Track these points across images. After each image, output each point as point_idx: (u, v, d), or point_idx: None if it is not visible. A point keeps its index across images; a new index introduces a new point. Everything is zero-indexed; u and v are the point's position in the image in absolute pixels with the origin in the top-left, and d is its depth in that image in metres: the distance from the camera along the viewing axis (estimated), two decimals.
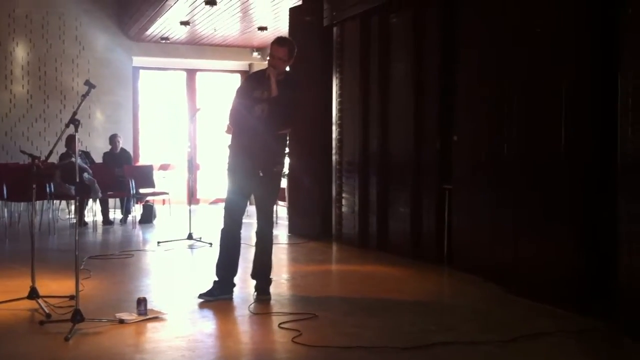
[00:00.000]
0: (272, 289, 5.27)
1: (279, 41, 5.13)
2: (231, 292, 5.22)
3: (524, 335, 4.16)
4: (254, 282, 5.31)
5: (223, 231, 5.23)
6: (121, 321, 4.47)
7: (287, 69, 5.31)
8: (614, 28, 4.44)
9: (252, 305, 4.99)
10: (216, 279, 5.20)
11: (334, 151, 8.46)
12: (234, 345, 4.23)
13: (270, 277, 5.30)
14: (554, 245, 4.95)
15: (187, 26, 11.74)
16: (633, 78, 4.15)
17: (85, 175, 9.50)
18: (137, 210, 10.63)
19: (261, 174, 5.05)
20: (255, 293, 5.24)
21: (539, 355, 3.90)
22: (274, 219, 5.48)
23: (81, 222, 9.81)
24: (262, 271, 5.27)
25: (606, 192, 4.54)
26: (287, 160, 9.79)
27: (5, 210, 9.83)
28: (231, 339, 4.38)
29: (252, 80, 5.33)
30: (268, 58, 5.22)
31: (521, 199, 5.34)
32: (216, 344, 4.24)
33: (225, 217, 5.21)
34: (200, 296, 5.10)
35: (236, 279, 5.28)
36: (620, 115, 4.25)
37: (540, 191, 5.12)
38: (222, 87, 14.13)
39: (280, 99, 4.99)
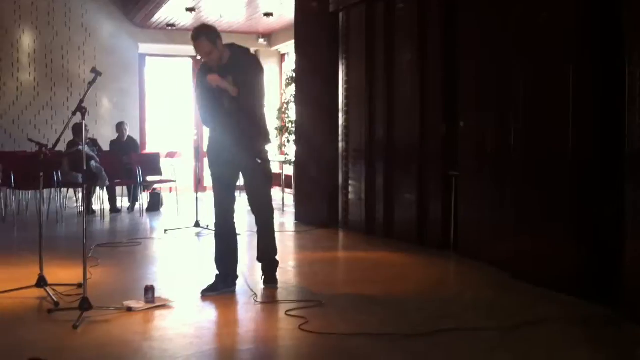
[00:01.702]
0: (279, 277, 5.25)
1: (192, 37, 4.82)
2: (234, 284, 5.12)
3: (528, 322, 4.18)
4: (260, 271, 5.29)
5: (216, 225, 5.15)
6: (129, 309, 4.50)
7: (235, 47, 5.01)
8: (618, 14, 4.41)
9: (258, 293, 5.00)
10: (217, 272, 5.12)
11: (340, 138, 8.46)
12: (240, 332, 4.26)
13: (277, 259, 5.24)
14: (559, 233, 4.94)
15: (193, 12, 11.72)
16: None
17: (93, 163, 9.53)
18: (144, 198, 10.65)
19: (249, 163, 4.94)
20: (263, 277, 5.21)
21: (541, 341, 3.91)
22: (274, 206, 5.36)
23: (89, 210, 9.85)
24: (266, 253, 5.22)
25: (613, 182, 4.52)
26: (293, 149, 9.80)
27: (13, 198, 9.87)
28: (238, 326, 4.41)
29: (205, 74, 4.91)
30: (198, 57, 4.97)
31: (527, 187, 5.33)
32: (223, 331, 4.27)
33: (215, 210, 5.10)
34: (203, 292, 4.98)
35: (243, 268, 5.27)
36: (627, 101, 4.22)
37: (547, 179, 5.10)
38: None
39: (241, 92, 4.79)
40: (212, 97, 4.89)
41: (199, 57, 4.96)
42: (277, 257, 5.29)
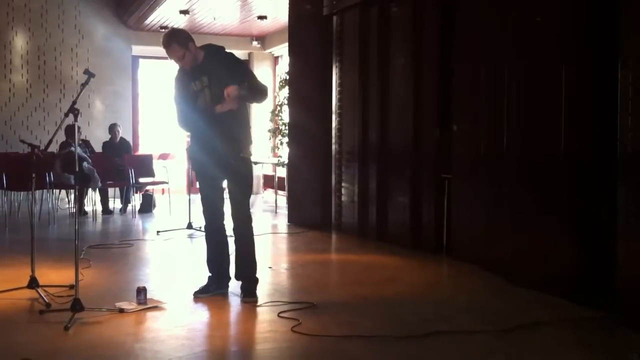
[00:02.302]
0: (271, 278, 5.25)
1: (163, 44, 4.88)
2: (226, 286, 5.06)
3: (522, 325, 4.18)
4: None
5: (206, 227, 5.08)
6: (121, 310, 4.48)
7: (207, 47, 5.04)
8: (614, 17, 4.42)
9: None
10: (209, 274, 5.07)
11: (333, 141, 8.46)
12: (232, 334, 4.25)
13: (257, 276, 5.01)
14: (553, 236, 4.95)
15: (187, 15, 11.70)
16: (633, 66, 4.13)
17: (85, 164, 9.50)
18: (136, 200, 10.63)
19: (233, 161, 4.85)
20: (242, 295, 4.91)
21: (536, 345, 3.91)
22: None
23: (81, 212, 9.81)
24: (245, 272, 4.98)
25: (606, 184, 4.53)
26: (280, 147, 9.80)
27: (5, 199, 9.83)
28: (230, 328, 4.39)
29: (182, 78, 5.00)
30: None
31: (520, 190, 5.33)
32: (215, 333, 4.25)
33: (204, 212, 5.03)
34: (196, 294, 4.94)
35: (232, 271, 5.23)
36: (620, 105, 4.23)
37: (542, 182, 5.11)
38: None
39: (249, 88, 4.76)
40: (193, 100, 4.86)
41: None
42: (258, 275, 5.05)
